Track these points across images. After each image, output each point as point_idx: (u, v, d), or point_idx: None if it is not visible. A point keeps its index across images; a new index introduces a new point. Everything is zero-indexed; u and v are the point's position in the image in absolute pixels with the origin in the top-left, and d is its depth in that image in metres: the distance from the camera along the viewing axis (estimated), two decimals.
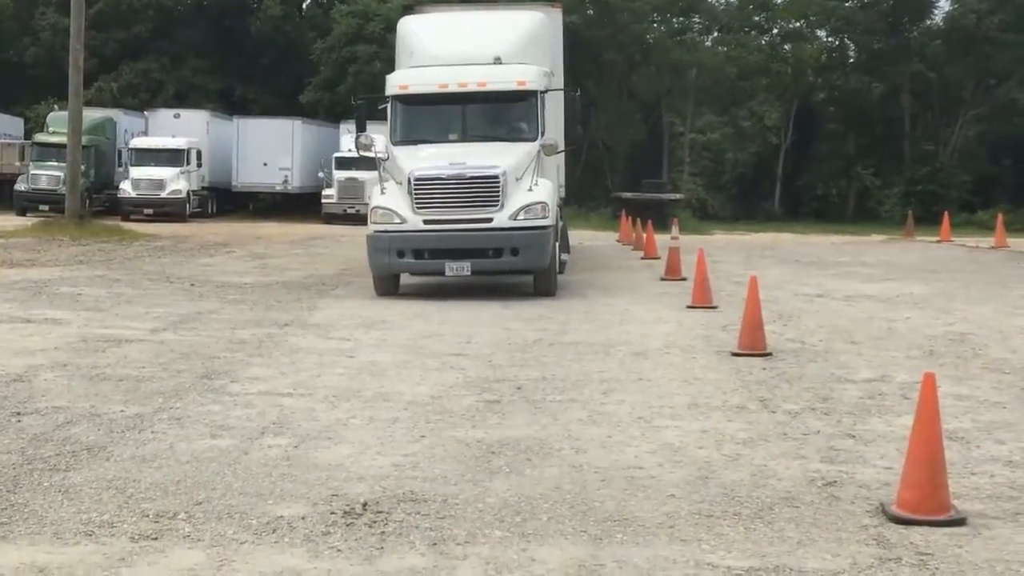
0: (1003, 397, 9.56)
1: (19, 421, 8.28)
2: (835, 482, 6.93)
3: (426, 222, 16.92)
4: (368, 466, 7.18)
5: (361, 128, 18.94)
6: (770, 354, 11.51)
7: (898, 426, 8.27)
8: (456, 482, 6.86)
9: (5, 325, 13.12)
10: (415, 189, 16.93)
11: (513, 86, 18.17)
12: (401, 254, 16.94)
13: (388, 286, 17.42)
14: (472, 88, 18.11)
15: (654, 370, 10.77)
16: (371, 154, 18.45)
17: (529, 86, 18.14)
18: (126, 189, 42.69)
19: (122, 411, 8.62)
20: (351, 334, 12.97)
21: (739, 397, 9.49)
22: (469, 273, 17.18)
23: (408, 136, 18.18)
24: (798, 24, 55.57)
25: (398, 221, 16.95)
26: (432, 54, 18.89)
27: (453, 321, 14.27)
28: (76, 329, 12.87)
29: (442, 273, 17.28)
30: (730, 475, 7.07)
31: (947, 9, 53.18)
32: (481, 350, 11.86)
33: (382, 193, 17.41)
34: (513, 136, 18.16)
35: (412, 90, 18.24)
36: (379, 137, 18.79)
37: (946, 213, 36.58)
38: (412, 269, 17.52)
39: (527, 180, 17.19)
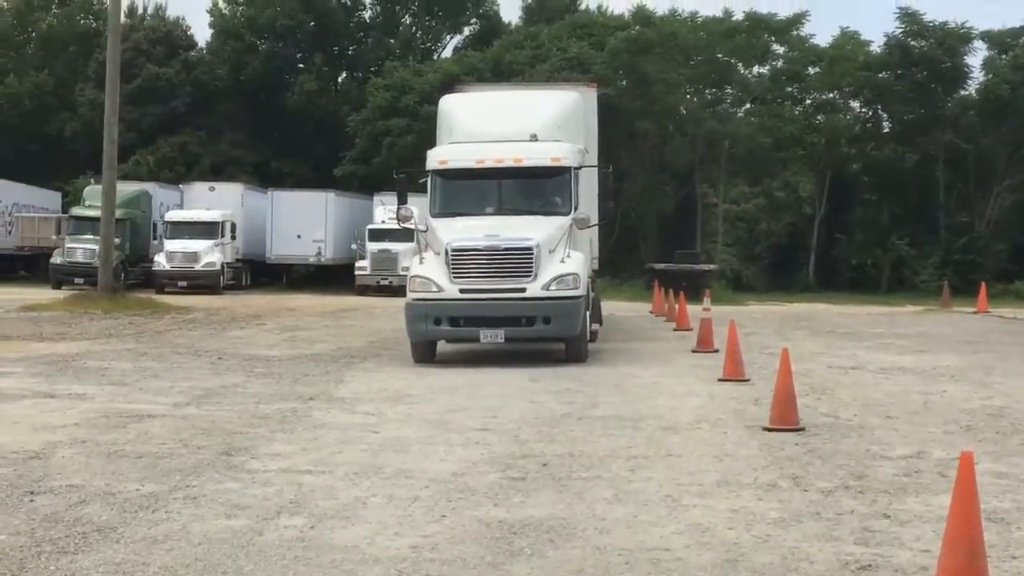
0: None
1: (32, 500, 8.11)
2: (870, 566, 6.66)
3: (462, 291, 17.54)
4: (385, 548, 6.96)
5: (402, 200, 19.75)
6: (803, 429, 11.23)
7: (935, 506, 7.99)
8: (476, 565, 6.63)
9: (28, 400, 13.01)
10: (452, 259, 17.56)
11: (548, 162, 18.84)
12: (438, 322, 17.51)
13: (425, 353, 17.97)
14: (508, 164, 18.77)
15: (683, 445, 10.52)
16: (411, 226, 19.38)
17: (563, 163, 18.82)
18: (161, 262, 42.99)
19: (138, 489, 8.44)
20: (377, 408, 12.80)
21: (770, 474, 9.22)
22: (503, 340, 17.72)
23: (446, 209, 18.80)
24: (831, 95, 55.49)
25: (435, 290, 17.56)
26: (471, 131, 19.61)
27: (481, 395, 14.08)
28: (99, 404, 12.75)
29: (477, 340, 17.93)
30: (760, 558, 6.80)
31: (980, 79, 52.98)
32: (508, 425, 11.64)
33: (420, 263, 18.16)
34: (547, 210, 18.83)
35: (451, 165, 18.94)
36: (416, 209, 19.48)
37: (983, 283, 36.18)
38: (448, 336, 18.19)
39: (560, 252, 17.83)
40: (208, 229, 43.89)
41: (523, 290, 17.52)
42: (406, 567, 6.56)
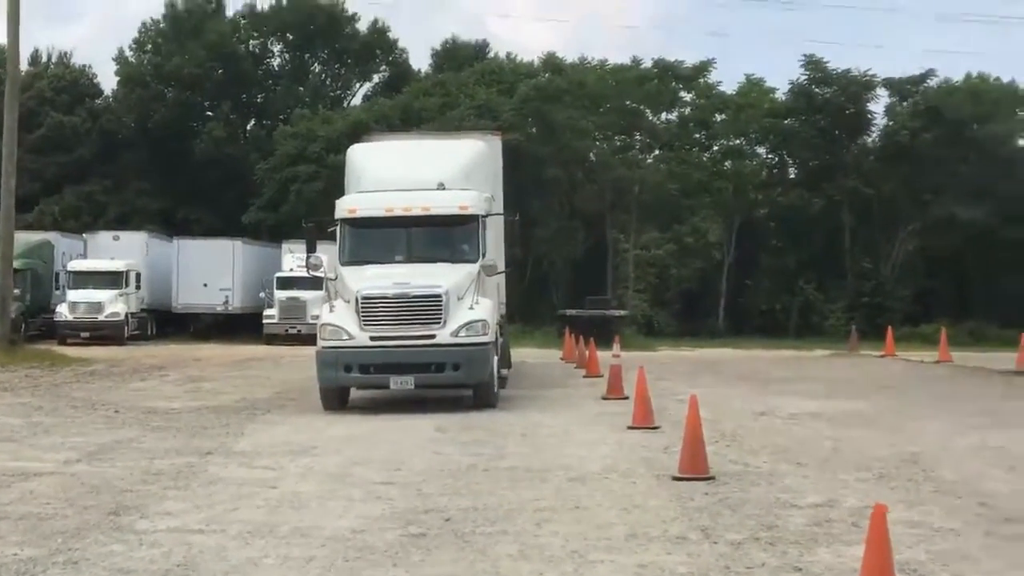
0: (956, 523, 9.10)
1: None
2: None
3: (372, 339, 17.67)
4: None
5: (311, 249, 19.97)
6: (713, 477, 11.02)
7: (848, 557, 7.81)
8: None
9: None
10: (362, 307, 17.73)
11: (456, 210, 19.04)
12: (348, 369, 17.67)
13: (335, 400, 18.07)
14: (417, 212, 18.98)
15: (591, 497, 10.26)
16: (321, 274, 19.86)
17: (471, 211, 19.06)
18: (63, 312, 41.94)
19: (15, 554, 7.97)
20: (276, 462, 12.38)
21: (680, 526, 8.98)
22: (413, 387, 17.86)
23: (356, 257, 18.95)
24: (738, 141, 56.09)
25: (346, 337, 17.70)
26: (379, 179, 19.77)
27: (385, 446, 13.72)
28: None
29: (387, 387, 18.04)
30: None
31: (882, 125, 53.95)
32: (412, 477, 11.30)
33: (331, 311, 18.29)
34: (456, 257, 18.98)
35: (360, 214, 19.13)
36: (325, 257, 19.87)
37: (890, 327, 36.54)
38: (359, 383, 18.49)
39: (468, 299, 18.09)
40: (112, 279, 42.94)
41: (432, 336, 17.66)
42: None
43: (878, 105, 53.76)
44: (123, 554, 8.01)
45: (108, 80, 65.63)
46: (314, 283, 40.63)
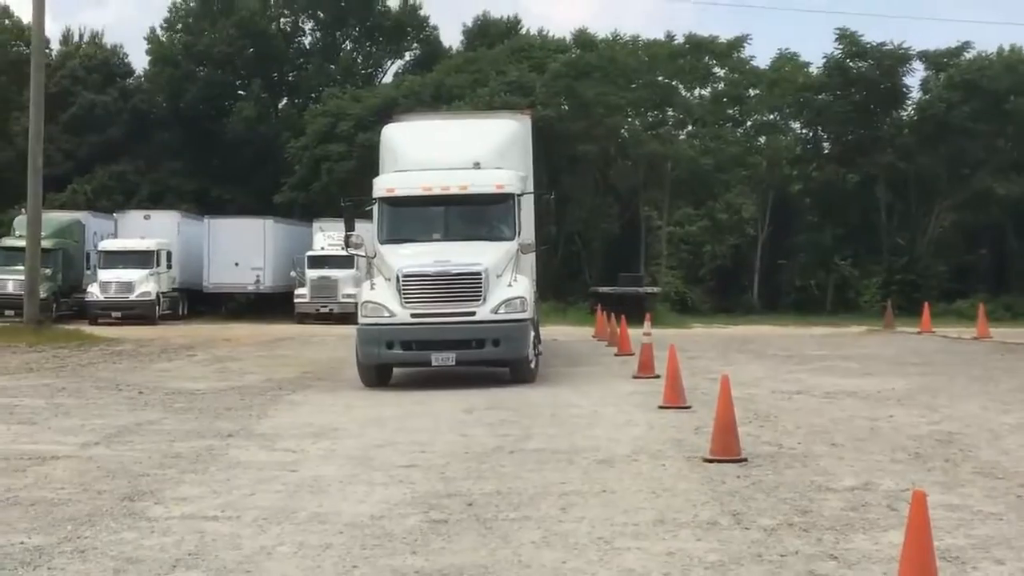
0: (998, 507, 8.71)
1: None
2: None
3: (414, 316, 18.01)
4: None
5: (350, 228, 20.02)
6: (745, 460, 10.67)
7: (885, 544, 7.46)
8: None
9: None
10: (403, 285, 18.06)
11: (492, 189, 19.43)
12: (390, 345, 17.98)
13: (376, 377, 18.34)
14: (454, 191, 19.35)
15: (619, 480, 9.94)
16: (361, 253, 20.16)
17: (507, 189, 19.44)
18: (94, 292, 41.93)
19: (23, 543, 7.72)
20: (298, 444, 12.12)
21: (710, 511, 8.65)
22: (454, 363, 18.14)
23: (394, 235, 19.22)
24: (772, 117, 55.43)
25: (387, 315, 18.01)
26: (415, 159, 20.10)
27: (410, 428, 13.45)
28: (0, 445, 11.98)
29: (428, 364, 18.25)
30: None
31: (917, 99, 53.18)
32: (435, 460, 11.02)
33: (371, 289, 18.64)
34: (492, 236, 19.32)
35: (399, 193, 19.37)
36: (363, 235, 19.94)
37: (926, 303, 36.02)
38: (400, 360, 18.64)
39: (507, 276, 18.47)
40: (143, 258, 42.88)
41: (472, 313, 18.02)
42: None
43: (914, 79, 53.01)
44: (133, 542, 7.76)
45: (139, 59, 65.85)
46: (346, 262, 40.59)
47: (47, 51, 53.33)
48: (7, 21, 63.98)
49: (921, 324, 33.53)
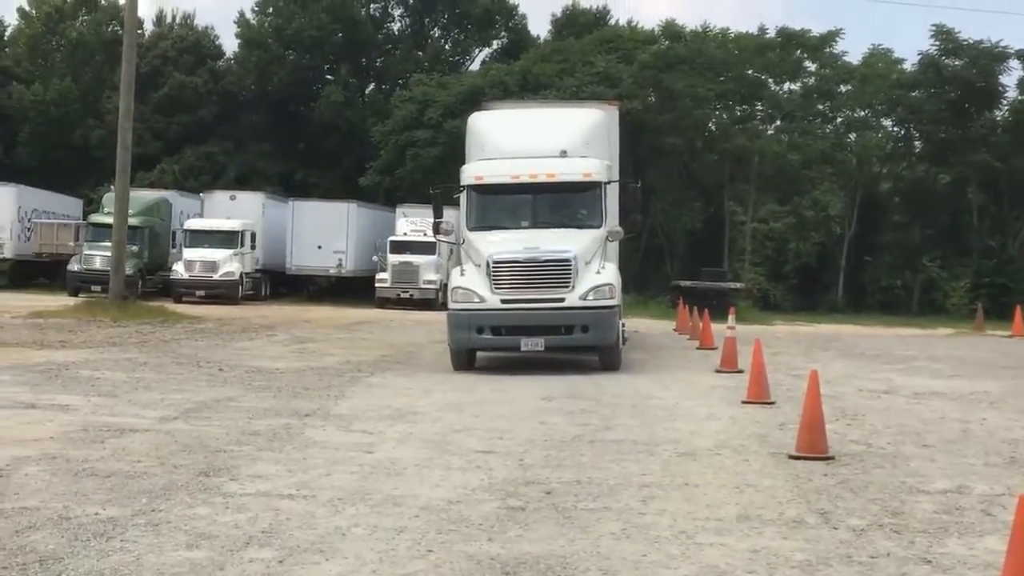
0: None
1: None
2: None
3: (504, 301, 18.28)
4: None
5: (439, 215, 20.19)
6: (832, 458, 10.35)
7: (980, 549, 7.15)
8: None
9: (6, 411, 12.21)
10: (494, 271, 18.32)
11: (580, 177, 19.58)
12: (480, 330, 18.30)
13: (466, 361, 18.71)
14: (542, 179, 19.45)
15: (702, 474, 9.68)
16: (449, 240, 20.56)
17: (594, 177, 19.54)
18: (179, 270, 42.37)
19: (97, 514, 7.64)
20: (375, 427, 12.00)
21: (796, 509, 8.37)
22: (543, 348, 18.37)
23: (483, 223, 19.48)
24: (863, 113, 54.49)
25: (477, 300, 18.30)
26: (502, 147, 20.12)
27: (488, 414, 13.28)
28: (81, 417, 11.99)
29: (517, 348, 18.45)
30: None
31: (1012, 98, 51.92)
32: (514, 447, 10.83)
33: (461, 275, 18.92)
34: (580, 223, 19.49)
35: (487, 180, 19.54)
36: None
37: (1018, 307, 35.16)
38: (489, 345, 18.93)
39: (595, 264, 18.68)
40: (227, 238, 43.20)
41: (562, 300, 18.24)
42: None
43: (1010, 78, 51.83)
44: (207, 517, 7.65)
45: (229, 42, 66.41)
46: (427, 248, 40.62)
47: (140, 32, 53.99)
48: (103, 2, 64.86)
49: (1013, 328, 32.73)
